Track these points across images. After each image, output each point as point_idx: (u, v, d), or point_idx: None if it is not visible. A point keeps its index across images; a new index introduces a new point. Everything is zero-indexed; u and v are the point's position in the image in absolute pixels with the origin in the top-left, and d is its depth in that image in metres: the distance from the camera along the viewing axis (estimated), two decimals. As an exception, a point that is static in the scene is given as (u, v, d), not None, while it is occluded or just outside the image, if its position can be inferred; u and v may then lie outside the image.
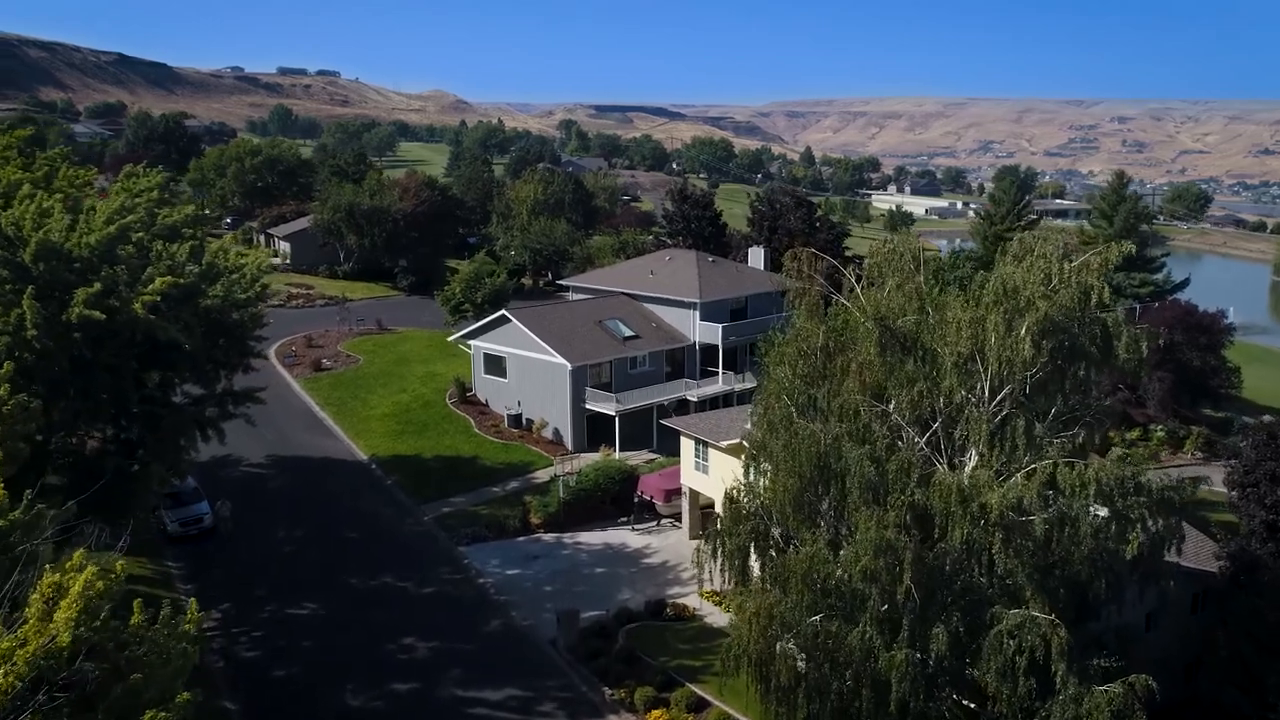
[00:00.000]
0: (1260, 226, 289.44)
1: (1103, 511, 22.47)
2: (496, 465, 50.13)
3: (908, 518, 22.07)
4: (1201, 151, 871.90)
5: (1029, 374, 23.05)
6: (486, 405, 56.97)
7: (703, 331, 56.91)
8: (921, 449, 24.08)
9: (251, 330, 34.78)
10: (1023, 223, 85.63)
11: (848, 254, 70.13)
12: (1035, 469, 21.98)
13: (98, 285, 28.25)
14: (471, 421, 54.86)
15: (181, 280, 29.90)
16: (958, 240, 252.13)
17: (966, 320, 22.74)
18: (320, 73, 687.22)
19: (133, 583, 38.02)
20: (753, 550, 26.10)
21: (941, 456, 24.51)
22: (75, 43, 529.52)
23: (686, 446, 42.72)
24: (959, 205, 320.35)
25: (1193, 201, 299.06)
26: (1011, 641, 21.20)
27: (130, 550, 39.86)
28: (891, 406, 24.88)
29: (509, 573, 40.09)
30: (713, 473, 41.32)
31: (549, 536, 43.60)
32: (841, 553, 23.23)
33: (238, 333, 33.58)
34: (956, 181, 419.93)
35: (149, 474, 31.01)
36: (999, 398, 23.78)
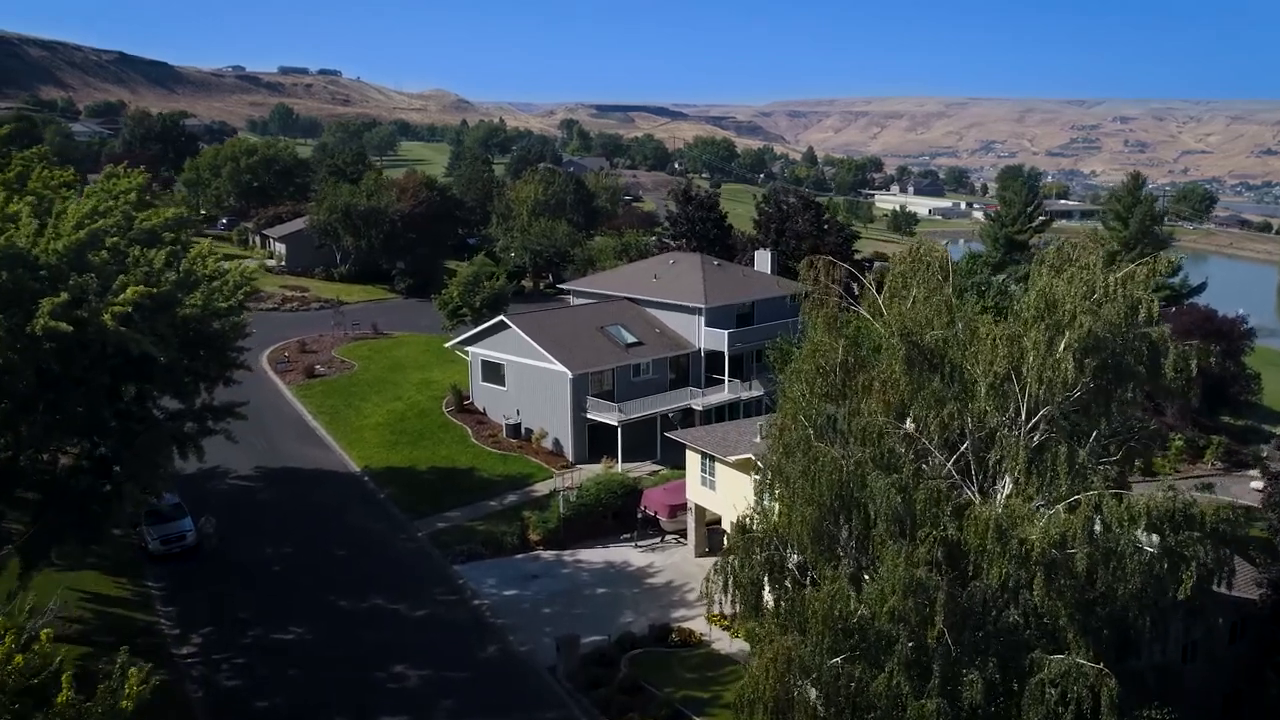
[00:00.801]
0: (1265, 227, 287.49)
1: (1146, 538, 20.64)
2: (494, 477, 48.25)
3: (939, 554, 20.17)
4: (1204, 152, 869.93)
5: (1069, 395, 21.17)
6: (484, 414, 55.10)
7: (708, 338, 55.01)
8: (950, 475, 22.19)
9: (233, 341, 32.83)
10: (1034, 225, 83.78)
11: (857, 257, 68.31)
12: (1079, 500, 20.09)
13: (65, 295, 26.37)
14: (468, 431, 52.99)
15: (156, 289, 27.96)
16: (961, 241, 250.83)
17: (1002, 337, 20.84)
18: (322, 72, 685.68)
19: (110, 605, 36.62)
20: (766, 580, 24.23)
21: (971, 482, 22.64)
22: (76, 42, 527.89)
23: (692, 461, 40.86)
24: (963, 205, 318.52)
25: (1198, 202, 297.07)
26: (1054, 690, 19.33)
27: (109, 569, 38.60)
28: (912, 424, 23.08)
29: (506, 593, 38.22)
30: (720, 489, 39.47)
31: (548, 554, 41.74)
32: (865, 590, 21.33)
33: (218, 344, 31.66)
34: (959, 182, 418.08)
35: (122, 494, 29.11)
36: (1034, 420, 21.92)
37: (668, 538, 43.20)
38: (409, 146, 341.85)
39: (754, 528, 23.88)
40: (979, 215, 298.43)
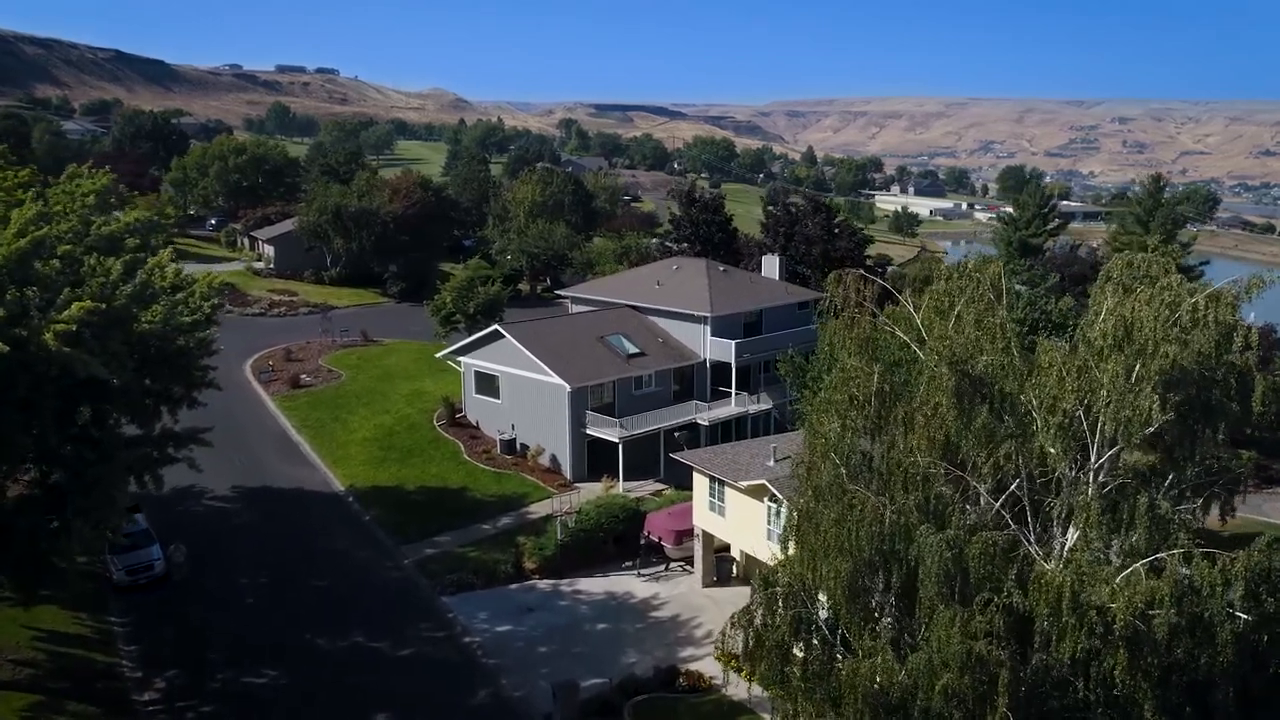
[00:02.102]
0: (1269, 229, 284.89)
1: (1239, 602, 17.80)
2: (487, 498, 45.32)
3: (1001, 623, 17.30)
4: (1202, 152, 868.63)
5: (1148, 434, 18.29)
6: (478, 428, 52.16)
7: (714, 348, 52.11)
8: (1005, 524, 19.32)
9: (199, 358, 29.86)
10: (1048, 228, 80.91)
11: (868, 262, 65.41)
12: (1163, 559, 17.23)
13: (1, 311, 23.44)
14: (461, 446, 50.05)
15: (105, 305, 25.03)
16: (963, 242, 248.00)
17: (1071, 367, 17.96)
18: (319, 71, 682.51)
19: (67, 644, 33.47)
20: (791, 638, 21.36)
21: (1028, 531, 19.75)
22: (72, 40, 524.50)
23: (700, 484, 37.94)
24: (964, 206, 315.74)
25: (1201, 203, 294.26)
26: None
27: (69, 604, 35.59)
28: (932, 453, 20.22)
29: (499, 629, 35.28)
30: (730, 515, 36.60)
31: (545, 584, 38.81)
32: (909, 659, 18.45)
33: (181, 362, 28.69)
34: (960, 182, 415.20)
35: (71, 531, 26.16)
36: (1099, 460, 19.06)
37: (673, 565, 40.31)
38: (406, 146, 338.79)
39: (779, 579, 21.00)
40: (981, 216, 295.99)
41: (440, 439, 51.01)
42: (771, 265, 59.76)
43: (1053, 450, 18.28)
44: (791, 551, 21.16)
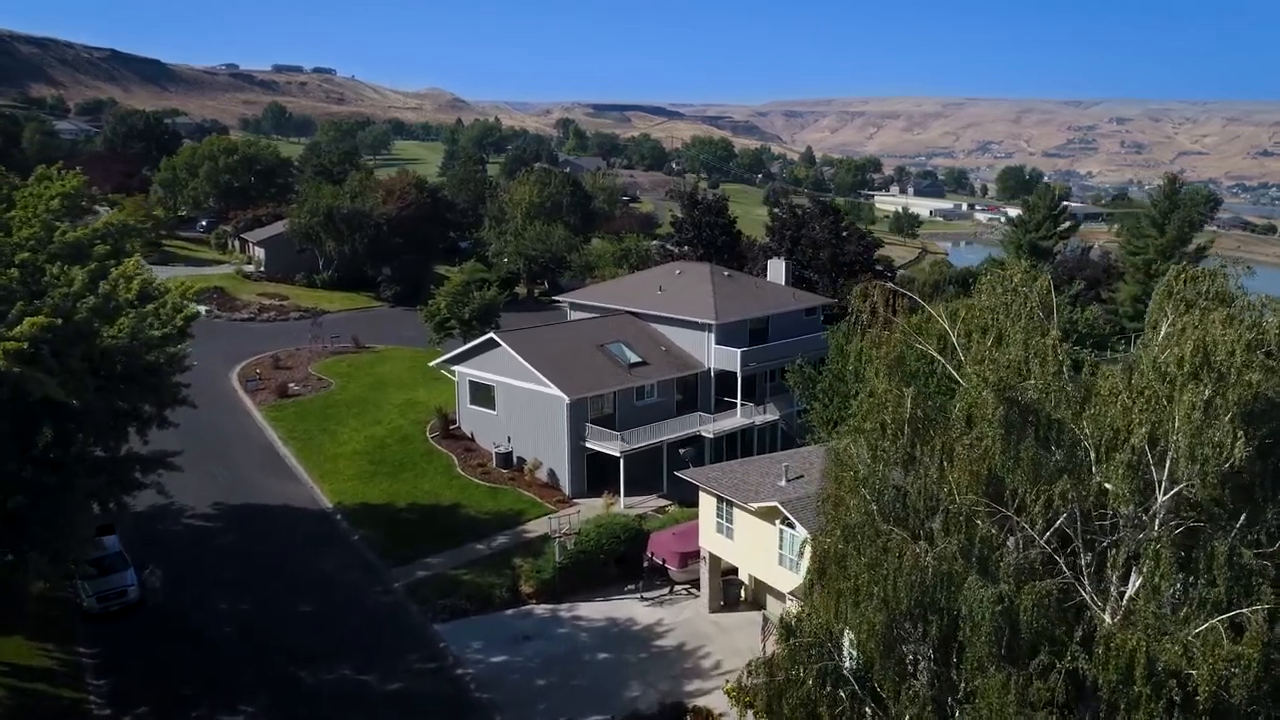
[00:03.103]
0: (1270, 229, 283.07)
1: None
2: (482, 515, 43.19)
3: (1061, 688, 15.23)
4: (1200, 153, 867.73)
5: (1224, 471, 16.21)
6: (472, 440, 50.04)
7: (719, 357, 50.02)
8: (1058, 570, 17.25)
9: (170, 375, 27.72)
10: (1059, 230, 78.88)
11: (878, 267, 63.29)
12: (1245, 615, 15.17)
13: (-55, 327, 21.34)
14: (454, 460, 47.94)
15: (64, 319, 22.90)
16: (963, 243, 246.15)
17: (1139, 396, 15.89)
18: (316, 70, 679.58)
19: (31, 679, 31.11)
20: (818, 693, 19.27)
21: (1082, 578, 17.68)
22: (68, 39, 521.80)
23: (707, 504, 35.85)
24: (964, 207, 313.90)
25: (1202, 204, 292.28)
26: None
27: (35, 634, 33.42)
28: (975, 489, 18.15)
29: (494, 660, 33.18)
30: (739, 537, 34.51)
31: (542, 609, 36.70)
32: (954, 725, 16.40)
33: (150, 379, 26.55)
34: (959, 183, 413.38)
35: (28, 564, 24.03)
36: (1165, 498, 16.99)
37: (677, 589, 38.21)
38: (403, 146, 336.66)
39: (803, 627, 18.92)
40: (981, 217, 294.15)
41: (433, 452, 48.90)
42: (777, 270, 57.68)
43: (1115, 488, 16.19)
44: (816, 597, 19.08)
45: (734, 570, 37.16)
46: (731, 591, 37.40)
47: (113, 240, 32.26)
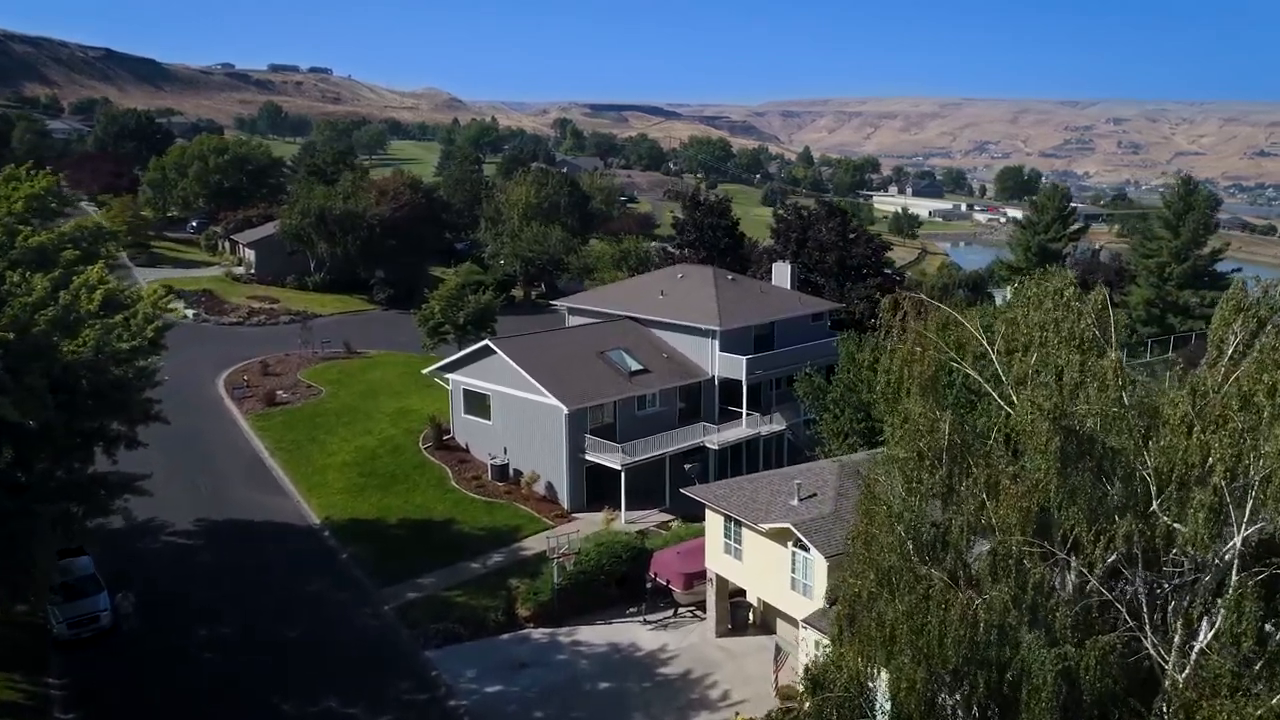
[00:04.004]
0: (1269, 230, 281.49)
1: None
2: (476, 531, 41.28)
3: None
4: (1197, 153, 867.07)
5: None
6: (467, 451, 48.13)
7: (723, 364, 48.11)
8: (1125, 623, 15.39)
9: (140, 390, 25.79)
10: (1069, 232, 77.10)
11: (886, 271, 61.38)
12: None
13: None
14: (448, 472, 46.03)
15: (19, 333, 20.95)
16: (962, 244, 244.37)
17: (1219, 428, 14.03)
18: (312, 70, 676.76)
19: (-3, 713, 29.63)
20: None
21: (1145, 629, 15.81)
22: (62, 38, 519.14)
23: (714, 523, 33.93)
24: (963, 207, 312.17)
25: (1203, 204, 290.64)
26: None
27: (1, 663, 31.48)
28: (1025, 527, 16.28)
29: (489, 689, 31.28)
30: (748, 558, 32.60)
31: (540, 633, 34.80)
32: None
33: (116, 396, 24.61)
34: (957, 183, 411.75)
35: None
36: (1241, 539, 15.13)
37: (682, 610, 36.33)
38: (400, 145, 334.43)
39: (833, 680, 17.03)
40: (980, 217, 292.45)
41: (426, 463, 46.98)
42: (783, 273, 55.76)
43: (1191, 529, 14.33)
44: (846, 644, 17.19)
45: (742, 591, 35.29)
46: (739, 614, 35.53)
47: (86, 244, 30.37)
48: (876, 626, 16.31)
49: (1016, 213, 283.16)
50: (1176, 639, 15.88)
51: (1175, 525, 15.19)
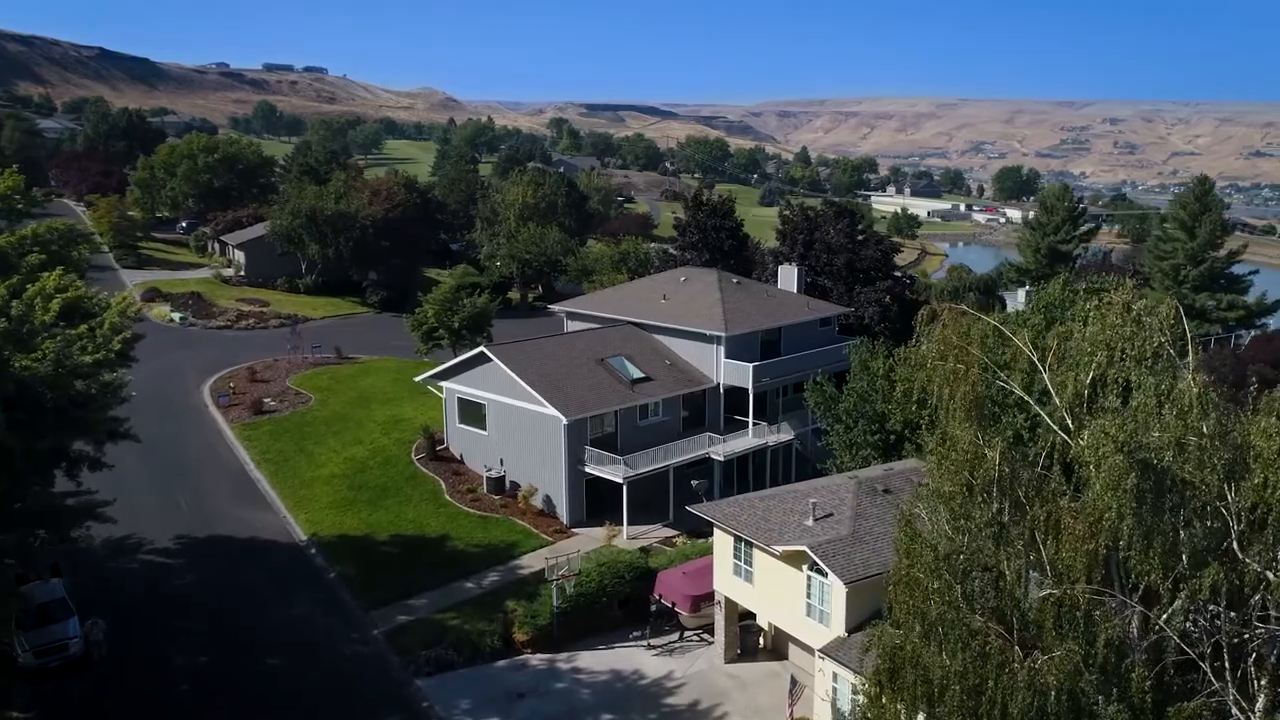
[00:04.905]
0: (1269, 230, 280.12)
1: None
2: (471, 548, 39.32)
3: None
4: (1193, 153, 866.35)
5: None
6: (462, 462, 46.15)
7: (728, 371, 46.19)
8: (1209, 684, 13.47)
9: (104, 407, 23.80)
10: (1079, 233, 75.27)
11: (896, 274, 59.48)
12: None
13: None
14: (442, 485, 44.06)
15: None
16: (960, 244, 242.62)
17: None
18: (307, 69, 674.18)
19: (-47, 752, 27.62)
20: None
21: (1228, 689, 13.91)
22: (56, 37, 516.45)
23: (723, 543, 32.03)
24: (962, 207, 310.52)
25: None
26: None
27: (-40, 695, 29.44)
28: (1093, 573, 14.39)
29: (483, 723, 29.35)
30: (759, 581, 30.71)
31: (538, 659, 32.86)
32: None
33: (76, 414, 22.62)
34: (955, 183, 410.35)
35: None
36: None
37: (688, 634, 34.39)
38: (395, 145, 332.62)
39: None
40: (979, 218, 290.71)
41: (418, 475, 44.99)
42: (790, 276, 53.81)
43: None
44: (885, 703, 15.25)
45: (753, 617, 33.37)
46: (749, 639, 33.60)
47: (55, 247, 28.38)
48: (922, 683, 14.39)
49: (1015, 213, 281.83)
50: (1261, 700, 13.99)
51: (1267, 573, 13.28)
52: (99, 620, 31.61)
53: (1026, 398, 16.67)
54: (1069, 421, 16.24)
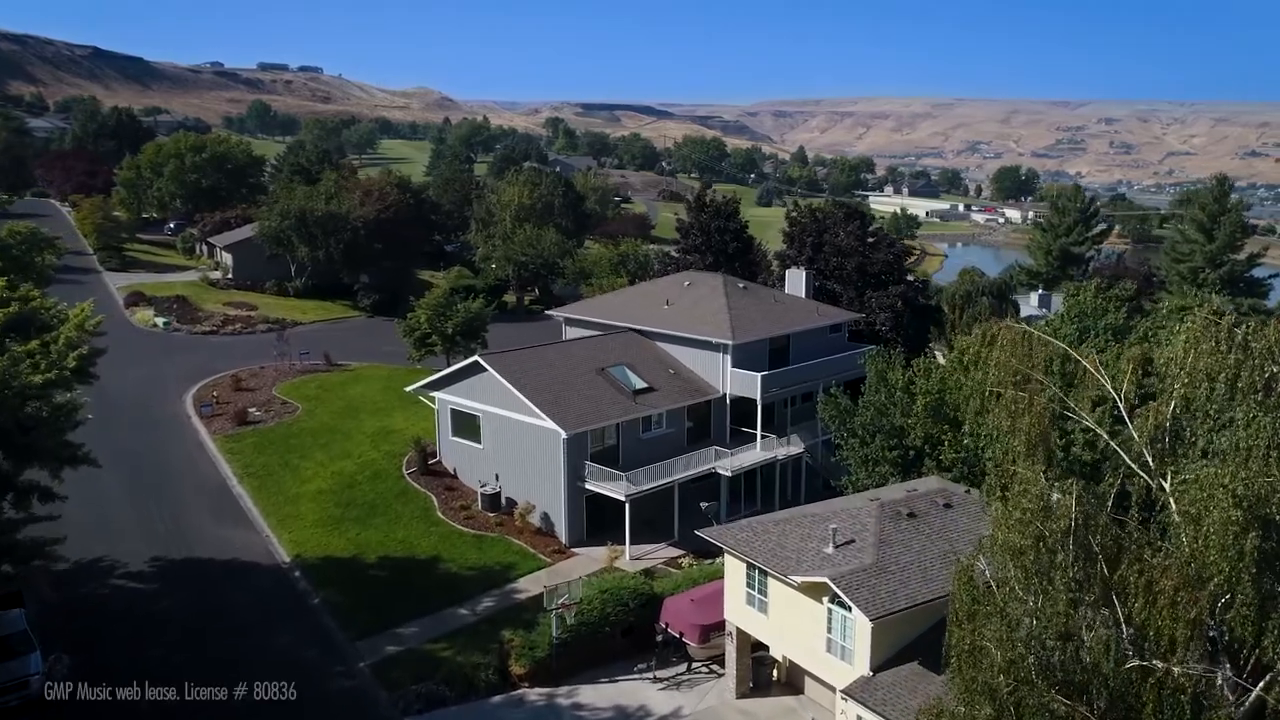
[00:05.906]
0: (1270, 230, 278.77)
1: None
2: (465, 571, 37.11)
3: None
4: (1188, 153, 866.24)
5: None
6: (455, 477, 43.95)
7: (735, 381, 44.02)
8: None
9: (55, 433, 21.53)
10: (1091, 235, 73.19)
11: (909, 278, 57.29)
12: None
13: None
14: (434, 501, 41.86)
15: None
16: (960, 244, 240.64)
17: None
18: (302, 69, 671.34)
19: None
20: None
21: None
22: (49, 36, 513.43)
23: (734, 570, 29.85)
24: (960, 208, 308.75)
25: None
26: None
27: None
28: (1196, 644, 12.19)
29: (478, 767, 27.13)
30: (774, 613, 28.55)
31: (536, 694, 30.64)
32: None
33: (23, 439, 20.36)
34: (953, 183, 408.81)
35: None
36: None
37: (696, 666, 32.19)
38: (390, 144, 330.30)
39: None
40: (978, 218, 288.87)
41: (409, 491, 42.77)
42: (798, 281, 51.62)
43: None
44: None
45: (766, 649, 31.15)
46: (762, 672, 31.39)
47: (17, 252, 26.10)
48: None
49: (1015, 213, 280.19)
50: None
51: None
52: (63, 655, 29.30)
53: (1101, 432, 14.47)
54: (1148, 459, 14.05)
